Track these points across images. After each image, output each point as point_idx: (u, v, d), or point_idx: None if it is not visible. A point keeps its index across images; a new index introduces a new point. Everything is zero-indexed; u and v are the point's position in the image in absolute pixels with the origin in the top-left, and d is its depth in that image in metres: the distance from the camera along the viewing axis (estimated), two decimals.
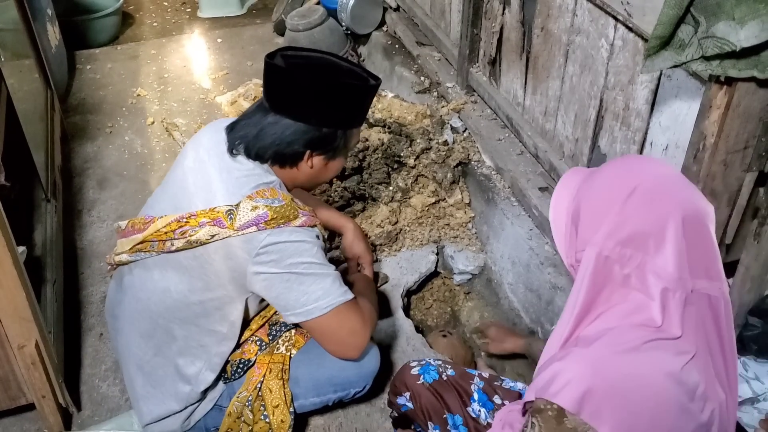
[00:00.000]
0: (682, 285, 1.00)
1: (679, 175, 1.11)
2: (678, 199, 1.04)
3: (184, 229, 1.42)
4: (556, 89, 2.08)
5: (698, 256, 1.02)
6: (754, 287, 1.63)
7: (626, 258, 1.02)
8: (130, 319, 1.58)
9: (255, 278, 1.43)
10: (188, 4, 4.65)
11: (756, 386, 1.59)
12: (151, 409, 1.58)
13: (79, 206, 2.64)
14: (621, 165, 1.14)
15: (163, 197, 1.55)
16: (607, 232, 1.04)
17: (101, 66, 3.70)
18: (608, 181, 1.10)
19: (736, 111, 1.31)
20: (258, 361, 1.60)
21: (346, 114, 1.50)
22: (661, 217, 1.02)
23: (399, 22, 3.39)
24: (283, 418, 1.58)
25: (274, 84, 1.46)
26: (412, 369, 1.56)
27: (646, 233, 1.02)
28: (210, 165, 1.49)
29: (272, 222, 1.40)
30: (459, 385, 1.52)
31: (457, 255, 2.37)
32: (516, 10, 2.25)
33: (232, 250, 1.42)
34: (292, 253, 1.42)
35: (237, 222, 1.39)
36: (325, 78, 1.45)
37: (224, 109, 3.18)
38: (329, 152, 1.52)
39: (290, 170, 1.52)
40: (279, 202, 1.42)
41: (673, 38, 1.26)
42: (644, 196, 1.04)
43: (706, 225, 1.04)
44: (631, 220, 1.03)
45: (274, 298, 1.47)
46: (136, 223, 1.51)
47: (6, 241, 1.45)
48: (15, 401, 1.71)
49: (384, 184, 2.41)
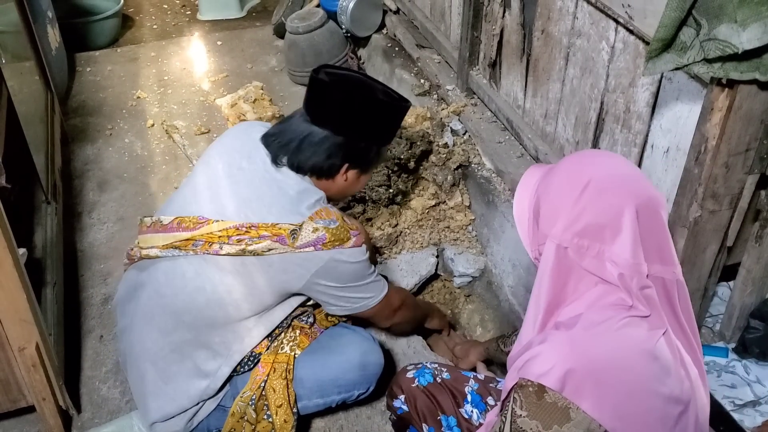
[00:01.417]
0: (637, 270, 1.06)
1: (631, 167, 1.16)
2: (630, 190, 1.08)
3: (242, 237, 1.47)
4: (557, 92, 2.08)
5: (652, 242, 1.08)
6: (756, 290, 1.64)
7: (584, 248, 1.08)
8: (149, 314, 1.58)
9: (310, 286, 1.54)
10: (188, 6, 4.65)
11: (758, 389, 1.59)
12: (161, 406, 1.58)
13: (79, 208, 2.64)
14: (576, 160, 1.19)
15: (198, 198, 1.57)
16: (565, 224, 1.09)
17: (101, 68, 3.70)
18: (564, 176, 1.15)
19: (737, 113, 1.32)
20: (262, 361, 1.61)
21: (381, 130, 1.60)
22: (614, 207, 1.06)
23: (399, 25, 3.39)
24: (286, 418, 1.58)
25: (316, 97, 1.54)
26: (407, 372, 1.60)
27: (601, 224, 1.07)
28: (252, 174, 1.54)
29: (329, 244, 1.49)
30: (453, 387, 1.56)
31: (457, 257, 2.37)
32: (516, 13, 2.25)
33: (290, 267, 1.50)
34: (350, 275, 1.56)
35: (298, 242, 1.47)
36: (364, 94, 1.54)
37: (224, 111, 3.17)
38: (363, 166, 1.61)
39: (326, 182, 1.59)
40: (334, 223, 1.51)
41: (674, 41, 1.26)
42: (597, 189, 1.08)
43: (658, 212, 1.09)
44: (587, 212, 1.08)
45: (324, 301, 1.61)
46: (185, 221, 1.53)
47: (6, 243, 1.45)
48: (15, 403, 1.71)
49: (384, 187, 2.41)
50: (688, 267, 1.57)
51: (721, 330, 1.74)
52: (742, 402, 1.56)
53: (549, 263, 1.10)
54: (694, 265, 1.57)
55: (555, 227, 1.11)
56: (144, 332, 1.59)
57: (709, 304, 1.76)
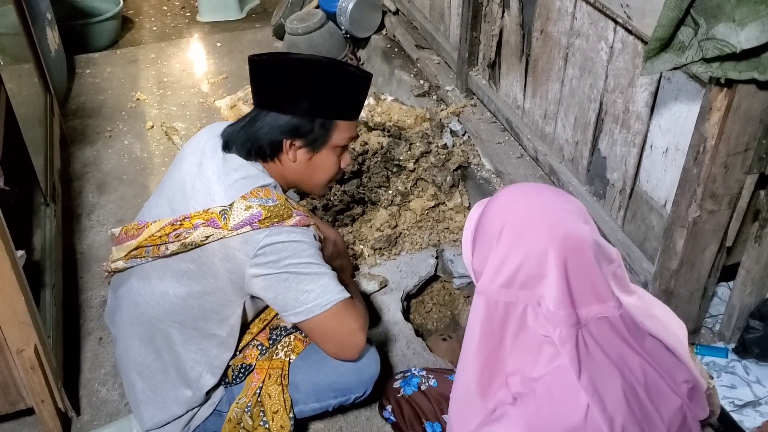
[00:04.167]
0: (568, 321, 1.00)
1: (549, 201, 1.07)
2: (548, 230, 1.01)
3: (179, 231, 1.42)
4: (556, 92, 2.08)
5: (583, 282, 1.01)
6: (755, 290, 1.63)
7: (515, 299, 1.02)
8: (129, 324, 1.58)
9: (253, 280, 1.43)
10: (188, 8, 4.65)
11: (757, 389, 1.59)
12: (153, 414, 1.57)
13: (78, 210, 2.64)
14: (499, 200, 1.11)
15: (160, 201, 1.55)
16: (490, 276, 1.03)
17: (101, 70, 3.70)
18: (486, 219, 1.09)
19: (736, 113, 1.31)
20: (257, 367, 1.60)
21: (322, 100, 1.47)
22: (534, 253, 1.00)
23: (398, 26, 3.39)
24: (282, 423, 1.57)
25: (255, 80, 1.49)
26: (395, 383, 1.61)
27: (525, 272, 1.01)
28: (208, 168, 1.49)
29: (266, 221, 1.39)
30: (439, 394, 1.57)
31: (456, 259, 2.37)
32: (515, 13, 2.25)
33: (231, 252, 1.41)
34: (290, 254, 1.42)
35: (231, 222, 1.39)
36: (298, 62, 1.47)
37: (223, 113, 3.17)
38: (308, 143, 1.50)
39: (275, 165, 1.52)
40: (273, 201, 1.43)
41: (673, 40, 1.26)
42: (513, 234, 1.03)
43: (582, 250, 1.01)
44: (508, 261, 1.02)
45: (272, 299, 1.46)
46: (129, 230, 1.51)
47: (5, 246, 1.45)
48: (14, 406, 1.70)
49: (383, 188, 2.41)
50: (687, 267, 1.56)
51: (720, 330, 1.74)
52: (742, 402, 1.55)
53: (479, 318, 1.05)
54: (694, 265, 1.57)
55: (482, 278, 1.05)
56: (128, 343, 1.58)
57: (709, 305, 1.76)
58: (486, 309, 1.04)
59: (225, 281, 1.45)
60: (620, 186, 1.84)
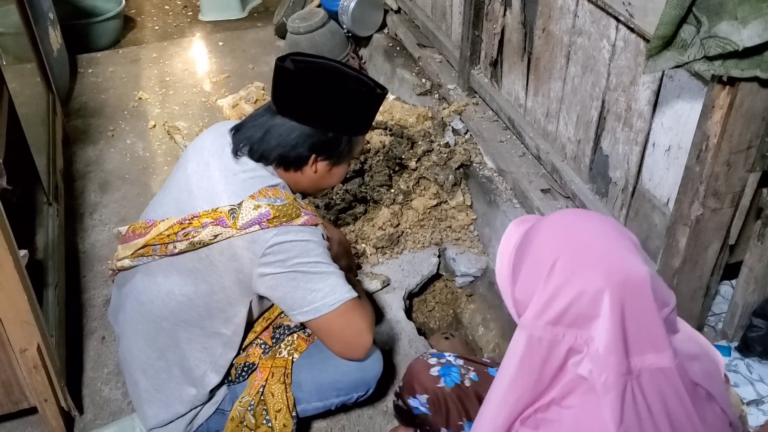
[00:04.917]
0: (618, 369, 0.92)
1: (606, 235, 0.99)
2: (605, 271, 0.93)
3: (187, 230, 1.42)
4: (558, 91, 2.08)
5: (639, 330, 0.92)
6: (758, 288, 1.63)
7: (560, 337, 0.94)
8: (133, 323, 1.58)
9: (261, 280, 1.43)
10: (189, 7, 4.65)
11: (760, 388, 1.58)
12: (156, 413, 1.58)
13: (80, 210, 2.64)
14: (550, 229, 1.02)
15: (165, 201, 1.55)
16: (536, 311, 0.95)
17: (103, 70, 3.71)
18: (534, 250, 1.00)
19: (739, 111, 1.31)
20: (260, 366, 1.60)
21: (351, 120, 1.50)
22: (587, 293, 0.92)
23: (400, 25, 3.39)
24: (285, 422, 1.57)
25: (282, 86, 1.46)
26: (431, 369, 1.45)
27: (574, 312, 0.93)
28: (214, 167, 1.48)
29: (274, 220, 1.39)
30: (475, 393, 1.43)
31: (459, 257, 2.37)
32: (517, 12, 2.25)
33: (238, 251, 1.41)
34: (299, 253, 1.42)
35: (240, 221, 1.39)
36: (332, 82, 1.46)
37: (226, 112, 3.17)
38: (333, 158, 1.52)
39: (294, 174, 1.52)
40: (281, 201, 1.42)
41: (675, 38, 1.25)
42: (566, 270, 0.94)
43: (642, 295, 0.92)
44: (559, 298, 0.93)
45: (280, 298, 1.46)
46: (137, 228, 1.51)
47: (8, 245, 1.45)
48: (17, 405, 1.71)
49: (385, 187, 2.41)
50: (690, 265, 1.56)
51: (723, 329, 1.74)
52: (745, 401, 1.55)
53: (518, 354, 0.97)
54: (696, 263, 1.56)
55: (527, 312, 0.97)
56: (132, 341, 1.59)
57: (712, 303, 1.76)
58: (527, 346, 0.96)
59: (232, 280, 1.45)
60: (623, 184, 1.84)
